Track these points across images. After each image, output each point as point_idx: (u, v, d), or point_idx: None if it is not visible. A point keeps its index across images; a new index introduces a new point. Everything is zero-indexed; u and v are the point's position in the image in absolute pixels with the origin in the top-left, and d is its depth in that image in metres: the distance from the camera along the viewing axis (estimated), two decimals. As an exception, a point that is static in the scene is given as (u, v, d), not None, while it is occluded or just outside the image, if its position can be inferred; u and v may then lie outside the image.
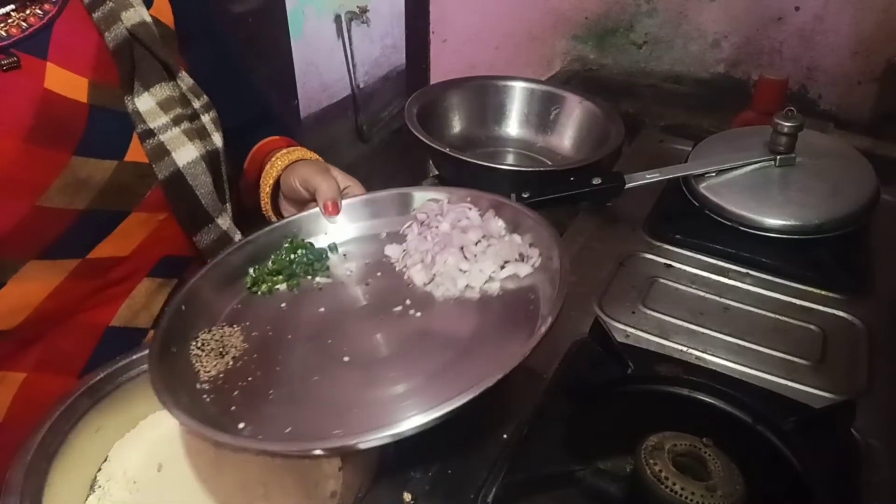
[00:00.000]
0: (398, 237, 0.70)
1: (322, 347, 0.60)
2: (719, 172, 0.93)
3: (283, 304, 0.66)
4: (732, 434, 0.62)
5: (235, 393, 0.56)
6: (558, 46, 1.73)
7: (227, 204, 0.77)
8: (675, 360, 0.72)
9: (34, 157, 0.62)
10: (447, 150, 1.10)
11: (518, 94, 1.31)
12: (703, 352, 0.74)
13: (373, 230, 0.72)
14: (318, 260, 0.69)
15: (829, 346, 0.75)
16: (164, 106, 0.70)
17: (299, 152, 0.80)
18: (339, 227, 0.73)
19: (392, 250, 0.69)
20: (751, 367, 0.72)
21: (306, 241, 0.71)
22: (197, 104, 0.73)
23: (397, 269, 0.67)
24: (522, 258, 0.64)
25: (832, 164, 0.93)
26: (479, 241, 0.65)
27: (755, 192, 0.90)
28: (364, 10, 1.66)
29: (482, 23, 1.80)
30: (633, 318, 0.78)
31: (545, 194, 0.90)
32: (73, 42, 0.67)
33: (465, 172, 1.13)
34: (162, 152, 0.69)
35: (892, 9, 1.31)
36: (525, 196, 0.88)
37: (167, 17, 0.73)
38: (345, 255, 0.71)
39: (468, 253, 0.64)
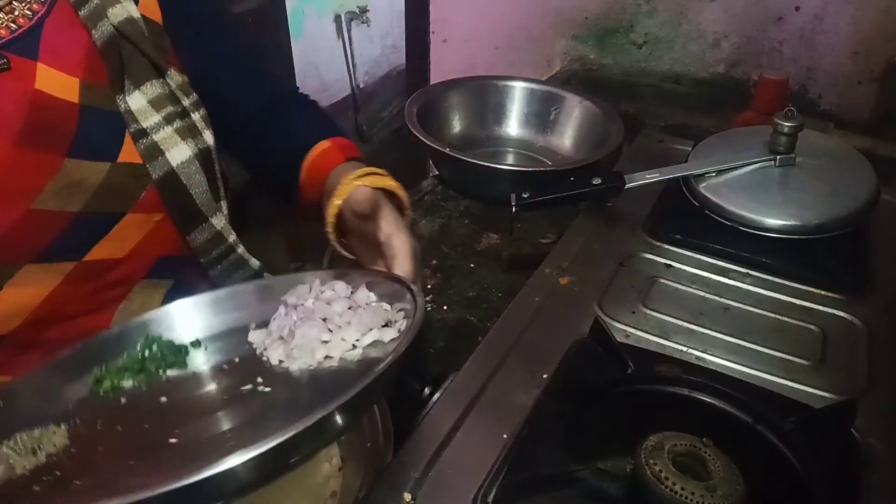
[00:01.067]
0: (266, 324, 0.65)
1: (148, 432, 0.55)
2: (719, 172, 0.93)
3: (122, 400, 0.60)
4: (732, 434, 0.62)
5: (35, 487, 0.50)
6: (558, 46, 1.73)
7: (223, 202, 0.77)
8: (675, 360, 0.72)
9: (26, 160, 0.62)
10: (447, 150, 1.10)
11: (518, 94, 1.31)
12: (703, 352, 0.74)
13: (242, 321, 0.66)
14: (173, 354, 0.63)
15: (829, 346, 0.75)
16: (156, 104, 0.69)
17: (360, 179, 0.69)
18: (205, 322, 0.67)
19: (255, 336, 0.63)
20: (751, 367, 0.72)
21: (164, 337, 0.65)
22: (186, 102, 0.72)
23: (258, 353, 0.62)
24: (388, 324, 0.59)
25: (832, 164, 0.93)
26: (345, 312, 0.61)
27: (755, 192, 0.90)
28: (364, 10, 1.66)
29: (482, 23, 1.80)
30: (633, 318, 0.78)
31: (545, 194, 0.90)
32: (63, 41, 0.66)
33: (465, 172, 1.13)
34: (156, 152, 0.69)
35: (892, 9, 1.32)
36: (525, 196, 0.89)
37: (155, 14, 0.72)
38: (206, 348, 0.65)
39: (331, 324, 0.60)
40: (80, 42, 0.67)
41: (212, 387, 0.61)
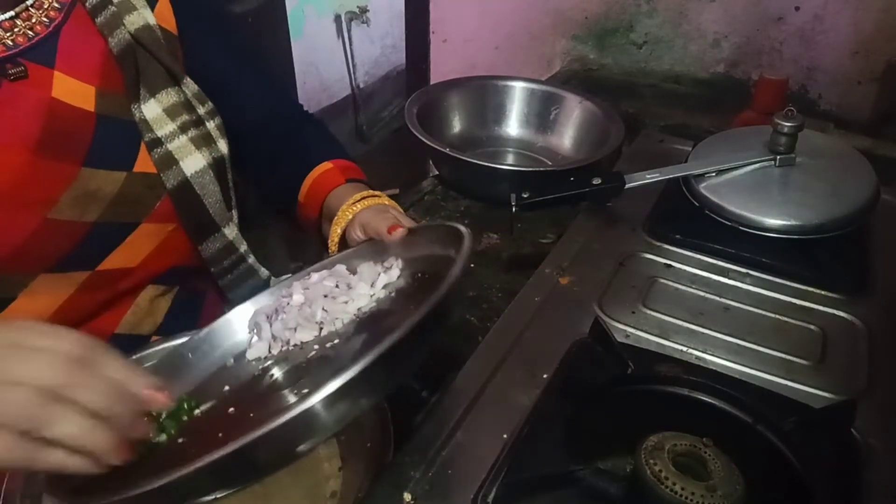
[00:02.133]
0: (245, 354, 0.62)
1: (267, 399, 0.55)
2: (719, 172, 0.93)
3: (180, 440, 0.52)
4: (732, 434, 0.62)
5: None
6: (558, 46, 1.73)
7: (234, 211, 0.76)
8: (675, 360, 0.72)
9: (43, 169, 0.62)
10: (447, 150, 1.10)
11: (518, 94, 1.31)
12: (703, 352, 0.74)
13: (216, 365, 0.63)
14: (186, 410, 0.55)
15: (829, 346, 0.75)
16: (171, 112, 0.69)
17: (356, 204, 0.72)
18: (174, 387, 0.58)
19: (253, 352, 0.61)
20: (751, 367, 0.72)
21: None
22: (202, 110, 0.72)
23: (274, 352, 0.61)
24: (385, 270, 0.63)
25: (832, 164, 0.93)
26: (339, 282, 0.63)
27: (755, 192, 0.90)
28: (364, 10, 1.66)
29: (482, 23, 1.80)
30: (633, 318, 0.78)
31: (545, 194, 0.90)
32: (80, 49, 0.66)
33: (465, 172, 1.13)
34: (170, 161, 0.68)
35: (892, 9, 1.31)
36: (525, 196, 0.89)
37: (169, 23, 0.72)
38: (196, 404, 0.56)
39: (336, 293, 0.62)
40: (96, 50, 0.67)
41: (272, 377, 0.58)
